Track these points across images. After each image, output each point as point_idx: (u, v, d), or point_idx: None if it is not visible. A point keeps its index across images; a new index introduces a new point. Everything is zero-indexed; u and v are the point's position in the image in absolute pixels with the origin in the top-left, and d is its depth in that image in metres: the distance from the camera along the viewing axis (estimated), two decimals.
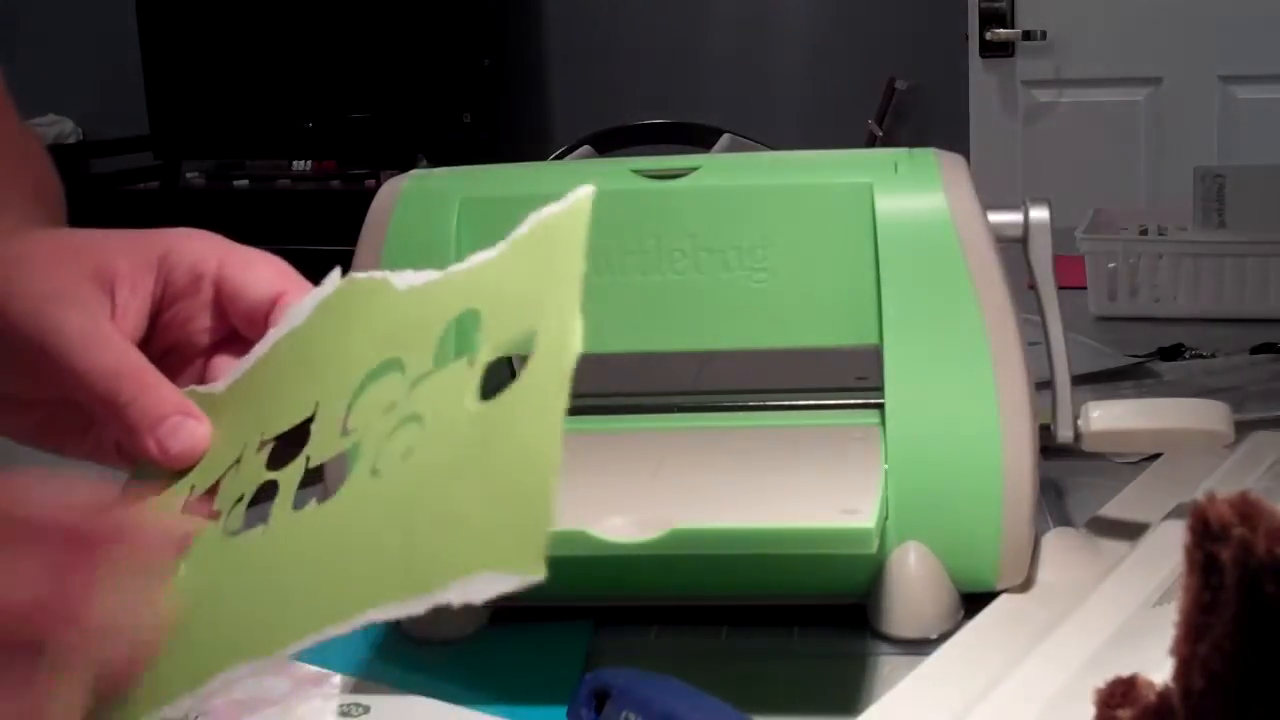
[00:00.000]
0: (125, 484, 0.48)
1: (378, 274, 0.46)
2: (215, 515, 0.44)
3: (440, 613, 0.58)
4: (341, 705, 0.52)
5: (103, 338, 0.47)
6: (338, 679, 0.54)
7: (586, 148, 0.88)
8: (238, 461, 0.45)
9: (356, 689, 0.53)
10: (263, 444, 0.45)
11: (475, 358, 0.40)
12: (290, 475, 0.43)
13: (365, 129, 3.49)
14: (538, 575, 0.34)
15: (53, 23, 3.84)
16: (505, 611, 0.59)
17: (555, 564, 0.58)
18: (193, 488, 0.46)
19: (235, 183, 3.69)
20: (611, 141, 0.91)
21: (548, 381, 0.36)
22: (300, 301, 0.48)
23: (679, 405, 0.63)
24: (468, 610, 0.58)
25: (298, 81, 3.52)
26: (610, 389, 0.62)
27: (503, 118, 3.49)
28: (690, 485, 0.54)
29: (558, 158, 0.87)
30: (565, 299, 0.38)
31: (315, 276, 0.49)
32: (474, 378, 0.39)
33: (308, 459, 0.43)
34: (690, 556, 0.53)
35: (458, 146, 3.31)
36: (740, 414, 0.62)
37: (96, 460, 0.52)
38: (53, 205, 0.64)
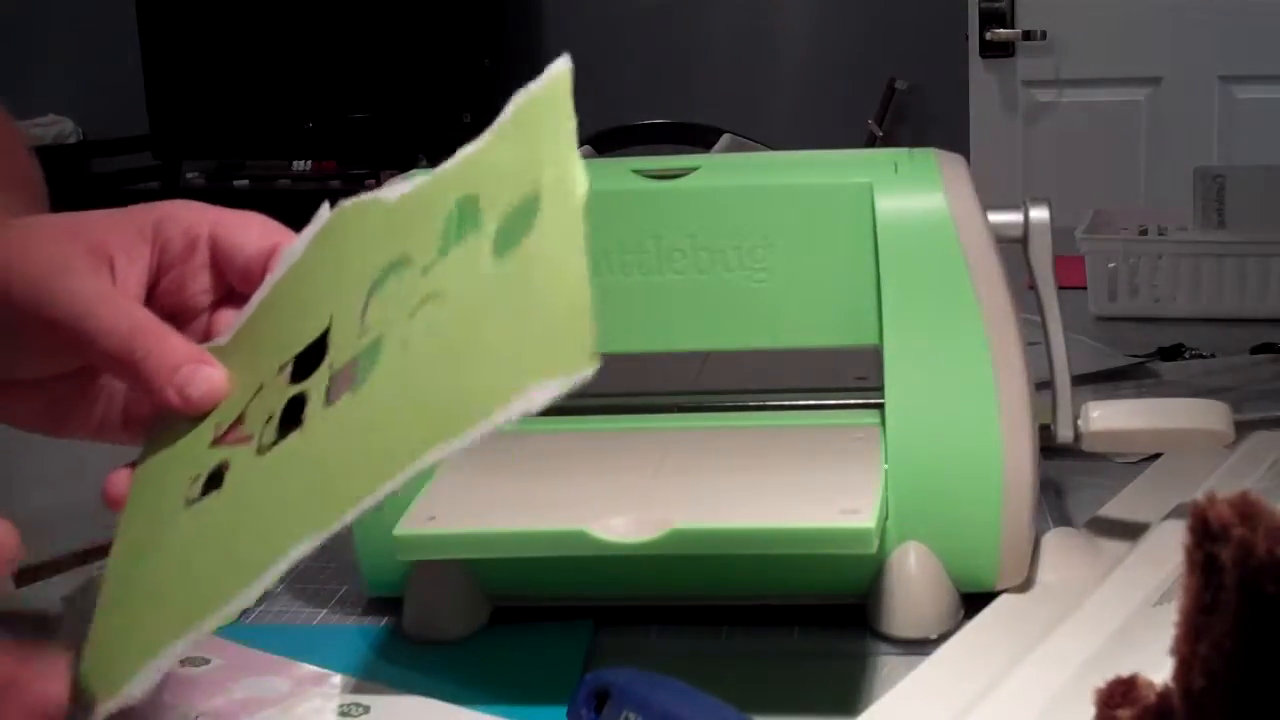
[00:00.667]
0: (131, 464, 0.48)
1: (366, 195, 0.47)
2: (247, 439, 0.45)
3: (440, 612, 0.58)
4: (341, 705, 0.52)
5: (111, 299, 0.48)
6: (338, 679, 0.54)
7: (586, 148, 0.88)
8: (259, 391, 0.46)
9: (356, 689, 0.53)
10: (282, 368, 0.45)
11: (481, 229, 0.40)
12: (316, 383, 0.44)
13: (365, 129, 3.48)
14: (589, 369, 0.34)
15: (53, 23, 3.84)
16: (505, 611, 0.59)
17: (555, 564, 0.58)
18: (217, 425, 0.46)
19: (235, 183, 3.68)
20: (611, 141, 0.91)
21: (562, 217, 0.37)
22: (293, 243, 0.49)
23: (679, 405, 0.63)
24: (468, 610, 0.58)
25: (298, 81, 3.52)
26: (610, 389, 0.61)
27: None
28: (690, 485, 0.54)
29: None
30: (562, 151, 0.38)
31: None
32: (485, 245, 0.40)
33: (330, 364, 0.44)
34: (690, 556, 0.53)
35: (458, 146, 3.29)
36: (740, 414, 0.62)
37: (103, 439, 0.53)
38: (36, 198, 0.65)
